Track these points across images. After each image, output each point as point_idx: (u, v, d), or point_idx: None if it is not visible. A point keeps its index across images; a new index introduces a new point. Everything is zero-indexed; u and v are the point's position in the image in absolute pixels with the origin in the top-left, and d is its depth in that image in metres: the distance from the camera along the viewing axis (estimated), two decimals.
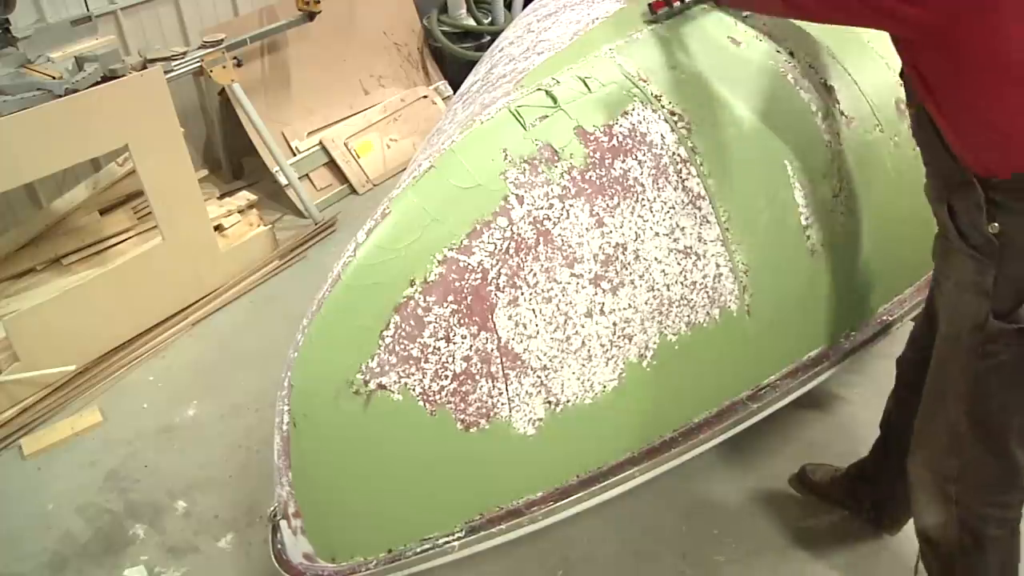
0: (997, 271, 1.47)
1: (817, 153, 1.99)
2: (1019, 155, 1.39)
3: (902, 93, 1.94)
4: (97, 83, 2.95)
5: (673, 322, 1.80)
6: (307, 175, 4.22)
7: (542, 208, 1.69)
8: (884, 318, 2.20)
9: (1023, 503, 1.69)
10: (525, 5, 3.70)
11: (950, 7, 1.31)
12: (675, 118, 1.85)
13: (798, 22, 2.13)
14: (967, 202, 1.48)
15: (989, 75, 1.35)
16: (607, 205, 1.73)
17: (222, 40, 3.62)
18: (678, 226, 1.80)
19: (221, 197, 3.93)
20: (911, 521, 2.17)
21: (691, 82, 1.93)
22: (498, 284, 1.64)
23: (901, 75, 1.58)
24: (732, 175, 1.87)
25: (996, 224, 1.44)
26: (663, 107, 1.86)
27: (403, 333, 1.60)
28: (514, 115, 1.80)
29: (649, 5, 2.04)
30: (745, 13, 2.12)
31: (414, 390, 1.60)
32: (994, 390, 1.54)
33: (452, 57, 4.75)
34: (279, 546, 1.71)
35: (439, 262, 1.63)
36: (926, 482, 1.73)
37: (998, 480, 1.63)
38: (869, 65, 2.14)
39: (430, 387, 1.61)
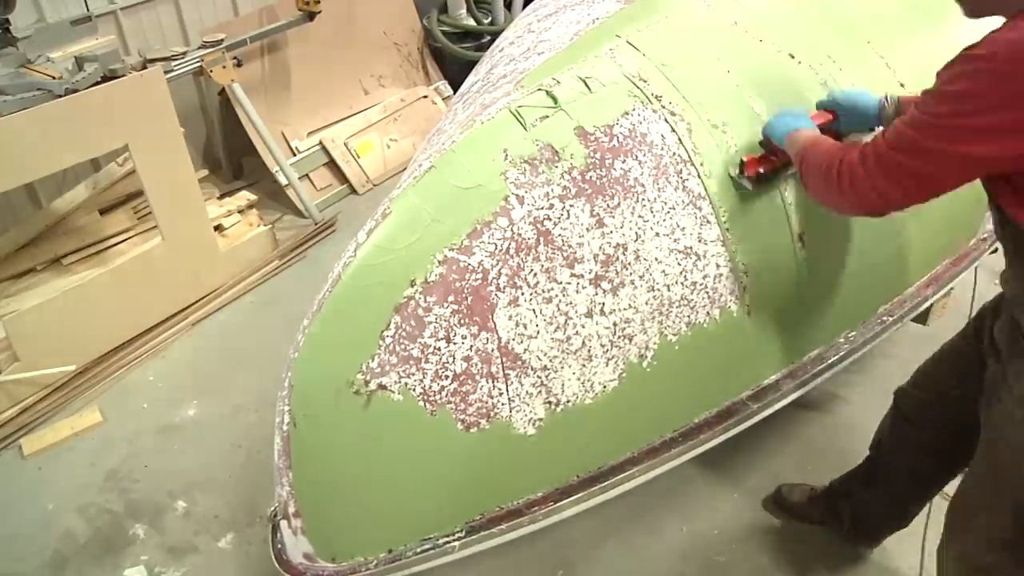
0: None
1: None
2: None
3: (902, 93, 1.94)
4: (97, 83, 2.95)
5: (673, 322, 1.80)
6: (307, 175, 4.22)
7: (542, 208, 1.69)
8: (884, 318, 2.20)
9: None
10: (525, 5, 3.70)
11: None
12: (675, 119, 1.85)
13: (800, 19, 2.12)
14: None
15: None
16: (607, 205, 1.73)
17: (222, 40, 3.62)
18: (678, 226, 1.80)
19: (221, 197, 3.93)
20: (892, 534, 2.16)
21: (691, 82, 1.93)
22: (498, 284, 1.64)
23: (991, 206, 1.48)
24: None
25: None
26: (663, 107, 1.86)
27: (403, 333, 1.60)
28: (515, 115, 1.80)
29: (741, 162, 1.83)
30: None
31: (414, 390, 1.60)
32: None
33: (452, 57, 4.75)
34: (279, 546, 1.71)
35: (439, 262, 1.63)
36: (958, 570, 1.68)
37: None
38: (869, 64, 2.14)
39: (430, 387, 1.61)
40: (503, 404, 1.65)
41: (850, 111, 1.83)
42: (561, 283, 1.68)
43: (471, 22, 4.82)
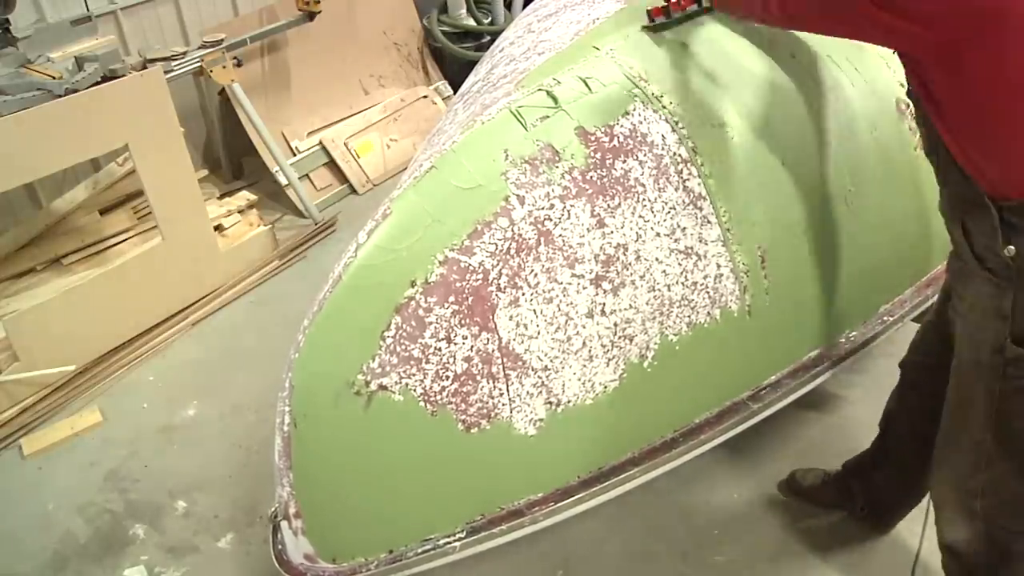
0: (1015, 295, 1.43)
1: (817, 153, 1.99)
2: None
3: (902, 93, 1.95)
4: (97, 83, 2.95)
5: (674, 322, 1.80)
6: (307, 175, 4.22)
7: (543, 208, 1.69)
8: (884, 318, 2.20)
9: None
10: (525, 5, 3.70)
11: (953, 27, 1.28)
12: (676, 118, 1.85)
13: None
14: (982, 224, 1.44)
15: (997, 95, 1.32)
16: (608, 206, 1.74)
17: (222, 40, 3.62)
18: (679, 226, 1.80)
19: (221, 197, 3.93)
20: (905, 520, 2.18)
21: (692, 82, 1.93)
22: (499, 284, 1.64)
23: (908, 94, 1.54)
24: (733, 175, 1.87)
25: (1012, 247, 1.40)
26: (664, 107, 1.86)
27: (404, 334, 1.60)
28: (515, 115, 1.80)
29: (648, 12, 2.02)
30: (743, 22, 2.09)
31: (415, 391, 1.60)
32: (1018, 410, 1.51)
33: (452, 57, 4.75)
34: (280, 547, 1.71)
35: (440, 263, 1.63)
36: (950, 500, 1.70)
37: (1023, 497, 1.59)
38: (869, 64, 2.14)
39: (431, 388, 1.61)
40: (504, 404, 1.65)
41: None
42: (562, 283, 1.68)
43: (471, 22, 4.82)
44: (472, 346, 1.62)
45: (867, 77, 2.11)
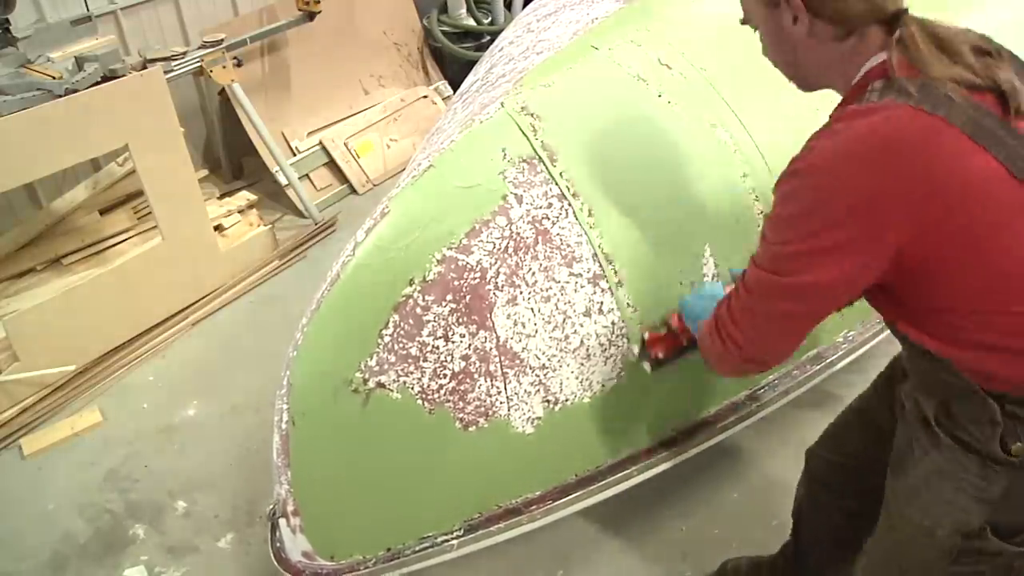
0: (1009, 484, 1.22)
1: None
2: None
3: None
4: (97, 83, 2.95)
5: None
6: (307, 175, 4.22)
7: (541, 207, 1.69)
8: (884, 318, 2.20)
9: None
10: (525, 5, 3.70)
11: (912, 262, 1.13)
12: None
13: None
14: (974, 414, 1.23)
15: (978, 294, 1.15)
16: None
17: (222, 40, 3.62)
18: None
19: (221, 197, 3.93)
20: None
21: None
22: (497, 283, 1.64)
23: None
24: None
25: (1020, 443, 1.19)
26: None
27: (402, 332, 1.60)
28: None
29: (642, 340, 1.74)
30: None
31: (413, 389, 1.60)
32: None
33: (452, 57, 4.75)
34: (278, 545, 1.71)
35: (438, 261, 1.63)
36: None
37: None
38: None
39: (429, 386, 1.61)
40: (501, 403, 1.65)
41: None
42: (559, 282, 1.68)
43: (471, 22, 4.82)
44: (470, 344, 1.62)
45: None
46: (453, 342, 1.61)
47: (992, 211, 1.11)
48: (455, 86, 4.34)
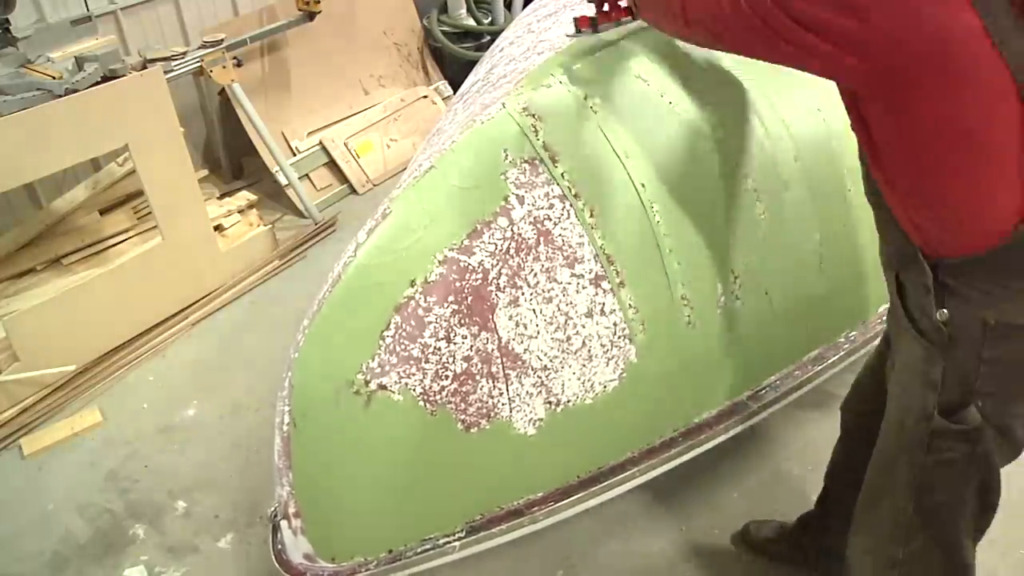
0: (945, 363, 1.31)
1: (820, 152, 1.99)
2: (973, 235, 1.21)
3: None
4: (97, 83, 2.95)
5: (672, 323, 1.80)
6: (307, 175, 4.22)
7: (542, 208, 1.69)
8: (884, 318, 2.19)
9: None
10: (525, 5, 3.70)
11: (898, 62, 1.10)
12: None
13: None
14: (915, 281, 1.31)
15: (942, 144, 1.15)
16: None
17: (222, 40, 3.62)
18: None
19: (221, 197, 3.93)
20: None
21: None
22: (498, 284, 1.64)
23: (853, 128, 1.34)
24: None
25: (945, 311, 1.27)
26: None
27: (404, 333, 1.60)
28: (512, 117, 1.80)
29: (574, 20, 1.88)
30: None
31: (414, 390, 1.60)
32: (941, 484, 1.42)
33: (452, 57, 4.75)
34: (279, 546, 1.71)
35: (440, 262, 1.63)
36: (867, 567, 1.62)
37: (944, 571, 1.51)
38: None
39: (431, 387, 1.61)
40: (503, 404, 1.65)
41: None
42: (561, 283, 1.68)
43: (471, 22, 4.82)
44: (472, 346, 1.62)
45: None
46: (455, 343, 1.61)
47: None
48: (455, 86, 4.34)
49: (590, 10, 1.87)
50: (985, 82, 1.08)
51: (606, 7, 1.84)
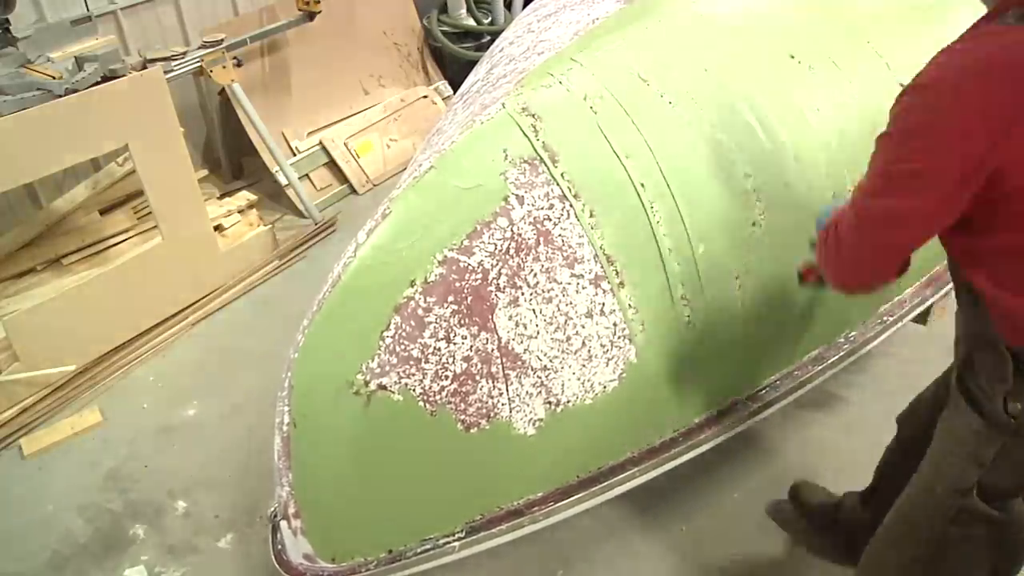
0: (1003, 448, 1.30)
1: (816, 156, 1.99)
2: None
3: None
4: (97, 83, 2.95)
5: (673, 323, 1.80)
6: (307, 175, 4.22)
7: (542, 208, 1.69)
8: (884, 318, 2.20)
9: None
10: (525, 5, 3.70)
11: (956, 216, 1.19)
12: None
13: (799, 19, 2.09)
14: (989, 365, 1.31)
15: None
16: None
17: (222, 40, 3.62)
18: None
19: (221, 197, 3.93)
20: None
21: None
22: (498, 284, 1.64)
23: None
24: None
25: (1019, 405, 1.26)
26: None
27: (403, 333, 1.60)
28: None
29: (799, 273, 1.83)
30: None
31: (414, 390, 1.60)
32: (955, 558, 1.42)
33: (452, 57, 4.75)
34: (279, 546, 1.71)
35: (439, 262, 1.63)
36: None
37: None
38: (868, 65, 2.13)
39: (430, 387, 1.61)
40: (503, 404, 1.65)
41: None
42: (561, 283, 1.68)
43: (471, 22, 4.82)
44: (471, 346, 1.62)
45: (870, 74, 2.11)
46: (454, 344, 1.61)
47: None
48: (455, 86, 4.34)
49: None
50: None
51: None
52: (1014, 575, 1.43)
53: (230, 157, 4.30)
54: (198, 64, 3.52)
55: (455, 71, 4.74)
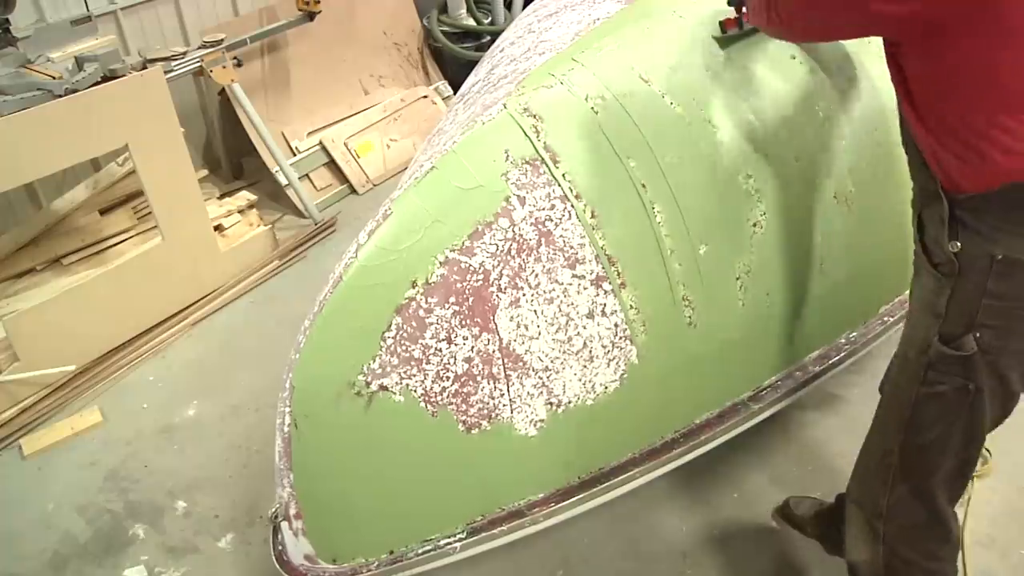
0: (951, 293, 1.41)
1: (817, 155, 1.99)
2: (989, 172, 1.32)
3: None
4: (97, 83, 2.95)
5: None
6: (307, 175, 4.22)
7: (544, 209, 1.69)
8: (884, 318, 2.20)
9: (955, 560, 1.63)
10: (525, 5, 3.70)
11: (944, 9, 1.24)
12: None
13: None
14: (934, 215, 1.42)
15: (967, 84, 1.29)
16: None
17: (222, 40, 3.62)
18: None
19: (221, 197, 3.93)
20: None
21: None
22: (500, 285, 1.64)
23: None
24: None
25: (958, 243, 1.37)
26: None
27: (405, 334, 1.60)
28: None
29: (720, 23, 1.95)
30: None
31: (416, 391, 1.60)
32: (930, 422, 1.48)
33: (452, 57, 4.75)
34: (280, 547, 1.71)
35: (441, 263, 1.63)
36: (856, 515, 1.68)
37: (925, 526, 1.57)
38: (870, 64, 2.14)
39: (432, 388, 1.61)
40: (504, 405, 1.65)
41: None
42: (562, 284, 1.68)
43: (471, 22, 4.82)
44: (473, 347, 1.62)
45: (870, 75, 2.11)
46: (456, 344, 1.61)
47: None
48: (455, 86, 4.34)
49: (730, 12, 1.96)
50: (1020, 28, 1.20)
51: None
52: (981, 433, 1.50)
53: (230, 157, 4.30)
54: (198, 64, 3.52)
55: (455, 71, 4.74)
